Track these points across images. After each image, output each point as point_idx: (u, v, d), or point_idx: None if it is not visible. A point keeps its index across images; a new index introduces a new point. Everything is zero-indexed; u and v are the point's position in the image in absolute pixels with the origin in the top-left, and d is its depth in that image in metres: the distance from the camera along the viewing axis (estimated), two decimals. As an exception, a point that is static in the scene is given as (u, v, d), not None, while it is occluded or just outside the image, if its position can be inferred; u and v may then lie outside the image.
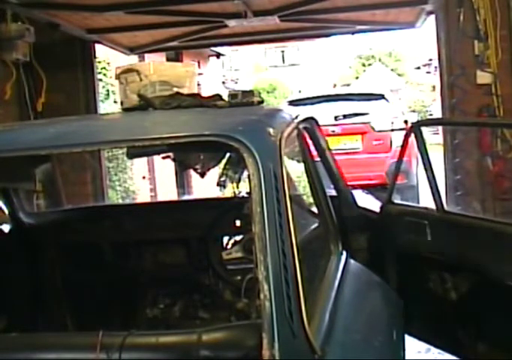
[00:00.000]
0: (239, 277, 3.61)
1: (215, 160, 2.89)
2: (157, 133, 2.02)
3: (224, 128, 2.01)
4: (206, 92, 4.29)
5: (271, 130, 2.02)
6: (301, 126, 2.69)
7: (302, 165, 2.68)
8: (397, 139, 10.13)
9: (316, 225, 2.64)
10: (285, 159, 2.01)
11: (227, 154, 2.89)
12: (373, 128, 10.81)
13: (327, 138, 3.56)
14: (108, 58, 10.78)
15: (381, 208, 3.77)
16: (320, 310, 2.01)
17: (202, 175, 2.88)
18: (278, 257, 1.70)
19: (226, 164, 2.93)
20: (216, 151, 2.74)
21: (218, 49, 16.86)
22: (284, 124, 2.26)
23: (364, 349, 2.16)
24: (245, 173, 2.67)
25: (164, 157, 2.91)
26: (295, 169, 2.80)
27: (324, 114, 9.77)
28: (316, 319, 1.90)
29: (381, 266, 3.34)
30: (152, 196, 13.07)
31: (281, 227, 1.77)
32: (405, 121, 10.93)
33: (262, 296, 1.63)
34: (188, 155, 2.89)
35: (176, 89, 3.11)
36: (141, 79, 3.26)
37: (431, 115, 26.33)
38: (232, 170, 2.94)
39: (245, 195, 3.30)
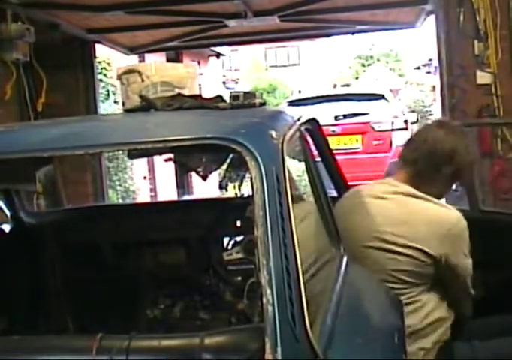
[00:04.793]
0: (239, 278, 3.62)
1: (218, 162, 2.89)
2: (159, 136, 2.02)
3: (226, 131, 2.01)
4: (206, 92, 4.28)
5: (273, 133, 2.02)
6: (303, 128, 2.69)
7: (303, 167, 2.68)
8: (397, 139, 10.14)
9: (317, 227, 2.64)
10: (287, 161, 2.00)
11: (230, 157, 2.89)
12: (373, 128, 10.82)
13: (327, 138, 3.57)
14: (108, 59, 10.79)
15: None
16: (322, 313, 2.01)
17: (204, 178, 2.87)
18: (280, 261, 1.70)
19: (228, 167, 2.93)
20: (219, 153, 2.73)
21: (218, 49, 16.88)
22: (286, 127, 2.26)
23: (366, 352, 2.16)
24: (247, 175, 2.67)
25: (166, 160, 2.90)
26: (297, 172, 2.81)
27: (324, 114, 9.78)
28: (318, 322, 1.90)
29: None
30: (152, 196, 13.08)
31: (284, 230, 1.77)
32: (405, 121, 10.95)
33: (265, 300, 1.63)
34: (190, 157, 2.89)
35: (177, 90, 3.11)
36: (143, 80, 3.26)
37: (431, 115, 26.33)
38: (234, 173, 2.94)
39: (246, 195, 3.30)
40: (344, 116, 10.92)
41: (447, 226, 2.94)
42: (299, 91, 23.38)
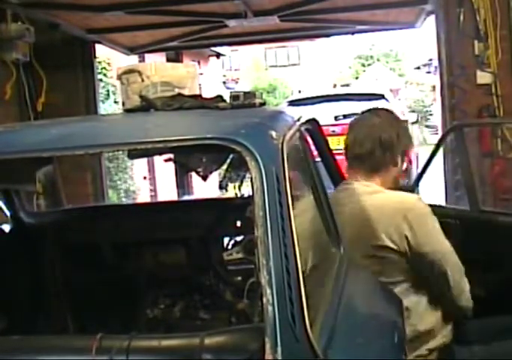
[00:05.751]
0: (239, 278, 3.63)
1: (218, 162, 2.89)
2: (159, 136, 2.02)
3: (226, 131, 2.01)
4: (206, 92, 4.28)
5: (273, 133, 2.02)
6: (303, 128, 2.69)
7: (303, 167, 2.68)
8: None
9: (317, 227, 2.64)
10: (287, 161, 2.00)
11: (230, 157, 2.89)
12: (373, 128, 10.80)
13: (327, 138, 3.57)
14: (108, 59, 10.79)
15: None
16: (323, 313, 2.01)
17: (204, 178, 2.87)
18: (280, 261, 1.70)
19: (228, 167, 2.93)
20: (219, 153, 2.73)
21: (218, 49, 16.89)
22: (286, 127, 2.26)
23: (366, 352, 2.16)
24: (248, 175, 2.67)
25: (166, 160, 2.90)
26: (296, 172, 2.80)
27: (324, 114, 9.77)
28: (318, 322, 1.90)
29: None
30: (152, 196, 13.09)
31: (284, 231, 1.77)
32: (405, 121, 10.92)
33: (265, 300, 1.63)
34: (190, 157, 2.89)
35: (177, 90, 3.10)
36: (143, 80, 3.25)
37: (431, 115, 26.37)
38: (234, 173, 2.94)
39: (246, 195, 3.31)
40: (344, 116, 10.90)
41: (406, 207, 2.90)
42: (299, 91, 23.39)
